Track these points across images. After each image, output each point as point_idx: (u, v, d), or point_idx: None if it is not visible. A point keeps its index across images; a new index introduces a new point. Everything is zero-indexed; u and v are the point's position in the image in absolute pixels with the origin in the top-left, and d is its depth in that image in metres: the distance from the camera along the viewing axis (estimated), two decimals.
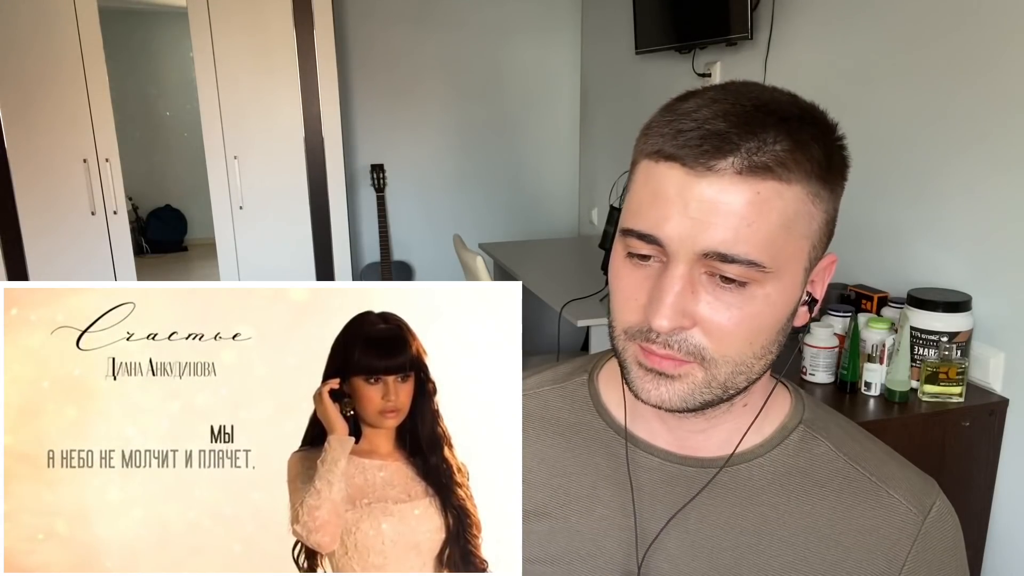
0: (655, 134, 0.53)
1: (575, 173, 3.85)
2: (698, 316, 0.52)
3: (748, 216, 0.49)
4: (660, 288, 0.51)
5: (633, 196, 0.55)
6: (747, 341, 0.53)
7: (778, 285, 0.52)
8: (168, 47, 5.49)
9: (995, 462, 1.55)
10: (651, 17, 2.74)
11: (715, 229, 0.49)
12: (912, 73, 1.71)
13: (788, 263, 0.52)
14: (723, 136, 0.49)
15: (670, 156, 0.51)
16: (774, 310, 0.53)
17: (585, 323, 2.17)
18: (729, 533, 0.60)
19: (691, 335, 0.52)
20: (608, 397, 0.66)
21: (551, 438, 0.66)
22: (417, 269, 3.71)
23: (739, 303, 0.51)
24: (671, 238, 0.51)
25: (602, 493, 0.62)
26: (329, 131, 3.06)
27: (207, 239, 3.29)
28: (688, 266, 0.51)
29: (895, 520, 0.60)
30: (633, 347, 0.55)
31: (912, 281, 1.69)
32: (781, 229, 0.51)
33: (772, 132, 0.50)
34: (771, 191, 0.50)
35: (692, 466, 0.61)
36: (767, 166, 0.49)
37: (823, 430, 0.64)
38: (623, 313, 0.55)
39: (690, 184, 0.50)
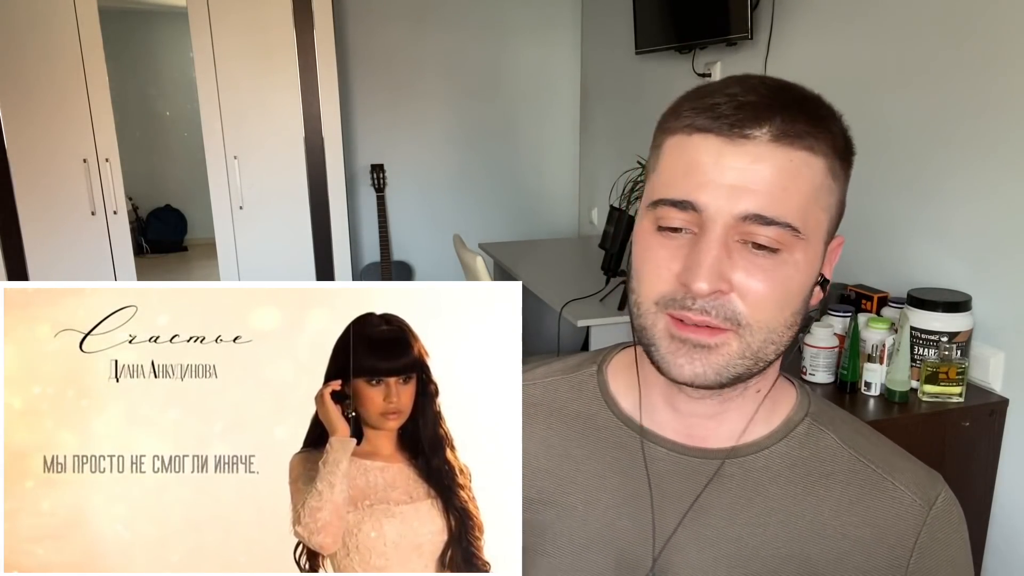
0: (687, 111, 0.54)
1: (575, 173, 3.85)
2: (734, 282, 0.52)
3: (782, 181, 0.51)
4: (698, 252, 0.52)
5: (663, 171, 0.55)
6: (779, 307, 0.54)
7: (807, 252, 0.54)
8: (168, 47, 5.48)
9: (995, 462, 1.55)
10: (651, 17, 2.74)
11: (752, 194, 0.51)
12: (912, 73, 1.71)
13: (815, 231, 0.54)
14: (756, 106, 0.52)
15: (703, 128, 0.53)
16: (803, 277, 0.54)
17: (585, 323, 2.17)
18: (735, 524, 0.60)
19: (729, 300, 0.53)
20: (617, 388, 0.66)
21: (558, 427, 0.66)
22: (417, 269, 3.71)
23: (772, 267, 0.53)
24: (708, 204, 0.52)
25: (608, 483, 0.63)
26: (329, 131, 3.06)
27: (207, 239, 3.29)
28: (724, 232, 0.52)
29: (901, 511, 0.60)
30: (664, 319, 0.55)
31: (912, 281, 1.69)
32: (810, 198, 0.53)
33: (796, 107, 0.53)
34: (802, 160, 0.52)
35: (699, 457, 0.62)
36: (800, 134, 0.52)
37: (829, 423, 0.64)
38: (654, 284, 0.55)
39: (726, 151, 0.52)
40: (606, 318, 2.20)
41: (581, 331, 2.25)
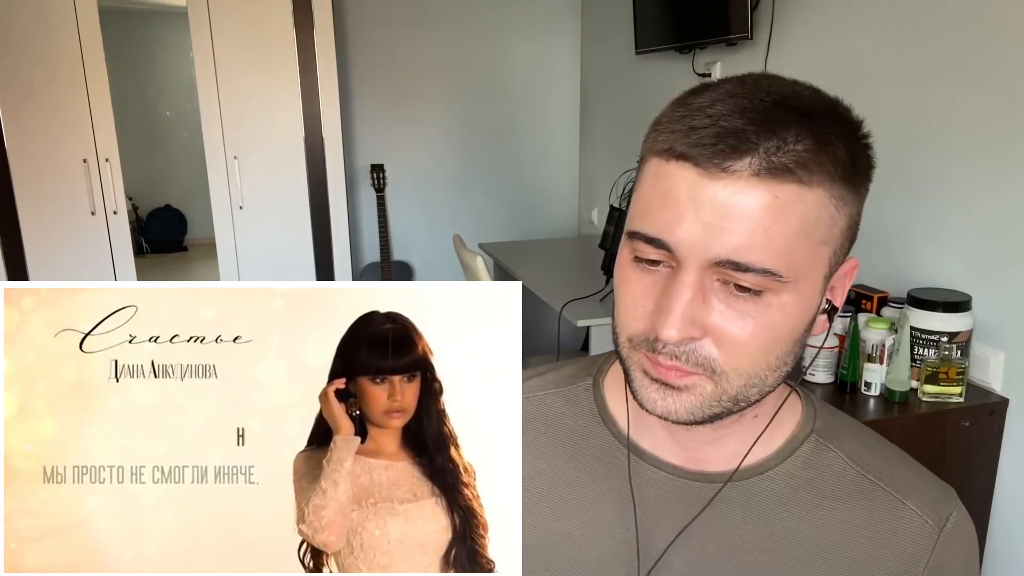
0: (666, 130, 0.49)
1: (575, 173, 3.85)
2: (709, 326, 0.48)
3: (765, 221, 0.46)
4: (669, 296, 0.48)
5: (641, 196, 0.51)
6: (761, 353, 0.50)
7: (795, 294, 0.49)
8: (168, 47, 5.49)
9: (995, 462, 1.55)
10: (651, 17, 2.74)
11: (729, 235, 0.46)
12: (912, 73, 1.72)
13: (807, 271, 0.49)
14: (740, 135, 0.46)
15: (682, 155, 0.47)
16: (790, 320, 0.49)
17: (585, 323, 2.17)
18: (736, 551, 0.58)
19: (701, 346, 0.49)
20: (613, 405, 0.63)
21: (553, 447, 0.63)
22: (417, 269, 3.71)
23: (754, 312, 0.48)
24: (681, 243, 0.47)
25: (606, 506, 0.60)
26: (329, 131, 3.06)
27: (207, 239, 3.29)
28: (699, 273, 0.48)
29: (910, 533, 0.58)
30: (638, 356, 0.52)
31: (912, 281, 1.69)
32: (800, 235, 0.47)
33: (793, 130, 0.46)
34: (791, 194, 0.46)
35: (699, 481, 0.59)
36: (787, 167, 0.46)
37: (835, 439, 0.61)
38: (629, 321, 0.52)
39: (703, 186, 0.46)
40: (606, 318, 2.20)
41: (581, 331, 2.25)
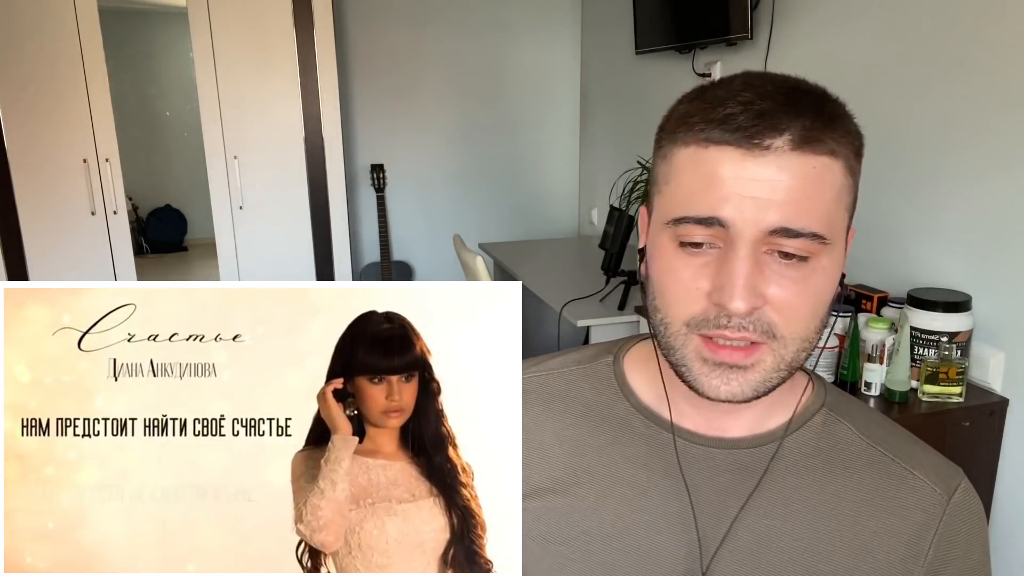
0: (698, 121, 0.53)
1: (575, 173, 3.85)
2: (769, 294, 0.52)
3: (807, 190, 0.51)
4: (730, 271, 0.51)
5: (681, 185, 0.54)
6: (812, 315, 0.54)
7: (832, 257, 0.53)
8: (168, 47, 5.49)
9: (995, 462, 1.55)
10: (651, 17, 2.74)
11: (778, 206, 0.50)
12: (912, 72, 1.72)
13: (839, 234, 0.54)
14: (773, 114, 0.51)
15: (720, 140, 0.51)
16: (831, 282, 0.54)
17: (585, 323, 2.18)
18: (751, 515, 0.60)
19: (763, 312, 0.52)
20: (634, 379, 0.66)
21: (573, 418, 0.65)
22: (417, 269, 3.71)
23: (803, 277, 0.52)
24: (734, 219, 0.51)
25: (623, 474, 0.62)
26: (329, 131, 3.06)
27: (207, 239, 3.29)
28: (752, 246, 0.51)
29: (921, 501, 0.60)
30: (695, 341, 0.54)
31: (912, 281, 1.69)
32: (834, 202, 0.53)
33: (812, 110, 0.52)
34: (824, 165, 0.51)
35: (718, 447, 0.61)
36: (820, 140, 0.51)
37: (846, 414, 0.64)
38: (682, 305, 0.54)
39: (747, 164, 0.50)
40: (606, 318, 2.20)
41: (581, 331, 2.25)
